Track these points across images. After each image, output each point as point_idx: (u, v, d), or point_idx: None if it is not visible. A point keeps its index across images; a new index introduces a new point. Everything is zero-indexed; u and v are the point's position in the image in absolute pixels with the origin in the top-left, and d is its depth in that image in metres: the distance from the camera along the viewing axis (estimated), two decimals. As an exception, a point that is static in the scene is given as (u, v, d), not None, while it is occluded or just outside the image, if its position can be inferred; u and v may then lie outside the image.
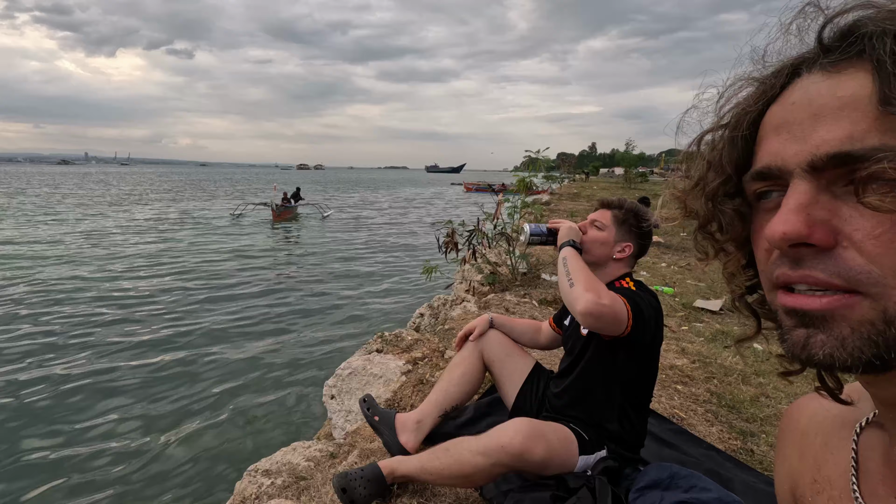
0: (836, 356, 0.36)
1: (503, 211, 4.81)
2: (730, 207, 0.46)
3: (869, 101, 0.34)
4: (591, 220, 1.70)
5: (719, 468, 1.76)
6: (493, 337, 1.97)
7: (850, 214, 0.35)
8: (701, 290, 4.76)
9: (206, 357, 5.79)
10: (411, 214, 24.51)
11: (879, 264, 0.34)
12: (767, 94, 0.42)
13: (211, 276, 9.71)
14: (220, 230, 16.31)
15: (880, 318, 0.34)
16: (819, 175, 0.36)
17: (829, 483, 0.51)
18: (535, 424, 1.49)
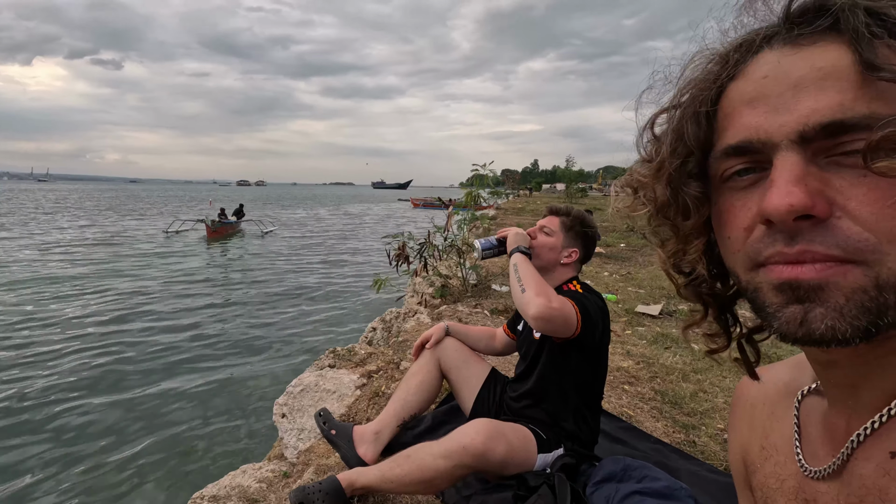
0: (838, 328, 0.35)
1: (453, 223, 4.87)
2: (693, 189, 0.45)
3: (851, 71, 0.34)
4: (540, 226, 1.76)
5: (666, 460, 1.85)
6: (449, 344, 1.99)
7: (842, 184, 0.35)
8: (641, 297, 5.01)
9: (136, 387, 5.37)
10: (358, 230, 24.19)
11: (874, 231, 0.34)
12: (730, 69, 0.41)
13: (141, 301, 9.02)
14: (150, 251, 15.27)
15: (873, 284, 0.34)
16: (806, 146, 0.36)
17: (776, 449, 0.54)
18: (495, 424, 1.51)
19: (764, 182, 0.38)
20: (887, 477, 0.38)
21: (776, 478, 0.52)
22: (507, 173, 68.50)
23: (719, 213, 0.43)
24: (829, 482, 0.44)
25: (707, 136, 0.43)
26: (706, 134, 0.43)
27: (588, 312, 1.52)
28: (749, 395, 0.62)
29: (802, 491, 0.48)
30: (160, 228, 21.44)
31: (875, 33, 0.34)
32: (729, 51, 0.42)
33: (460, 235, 4.89)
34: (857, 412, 0.43)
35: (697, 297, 0.51)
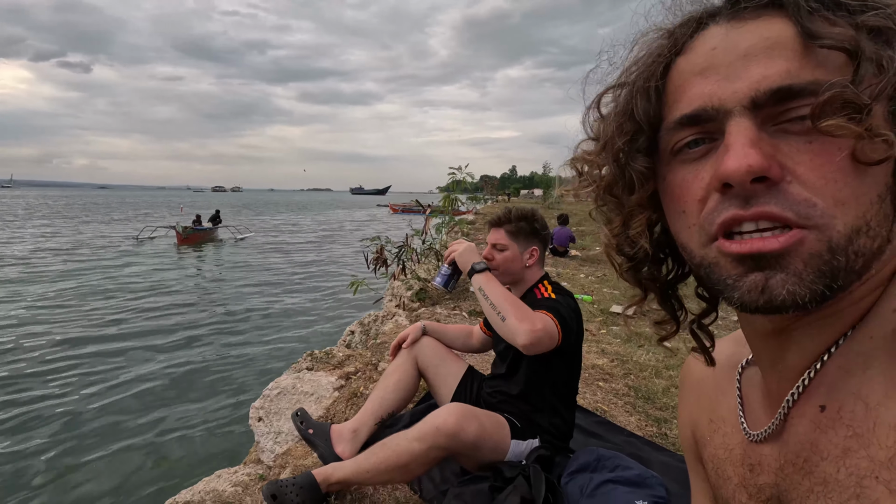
0: (798, 292, 0.36)
1: (431, 226, 4.90)
2: (640, 164, 0.45)
3: (794, 41, 0.36)
4: (491, 245, 1.73)
5: (639, 451, 1.90)
6: (426, 343, 2.01)
7: (790, 150, 0.36)
8: (616, 298, 5.12)
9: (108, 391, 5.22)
10: (336, 236, 23.97)
11: (821, 195, 0.35)
12: (678, 44, 0.43)
13: (108, 306, 8.77)
14: (118, 258, 14.85)
15: (826, 248, 0.36)
16: (758, 112, 0.37)
17: (723, 421, 0.56)
18: (468, 407, 1.54)
19: (715, 152, 0.40)
20: (818, 430, 0.40)
21: (724, 448, 0.54)
22: (486, 179, 68.96)
23: (671, 188, 0.44)
24: (770, 444, 0.47)
25: (656, 111, 0.44)
26: (655, 108, 0.44)
27: (566, 321, 1.51)
28: (695, 373, 0.64)
29: (748, 456, 0.50)
30: (129, 235, 20.86)
31: (812, 7, 0.36)
32: (676, 27, 0.44)
33: (438, 239, 4.91)
34: (787, 374, 0.45)
35: (637, 281, 0.52)
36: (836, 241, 0.36)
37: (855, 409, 0.37)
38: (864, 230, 0.36)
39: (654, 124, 0.44)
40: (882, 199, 0.37)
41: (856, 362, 0.39)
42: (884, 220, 0.37)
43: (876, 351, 0.38)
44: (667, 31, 0.44)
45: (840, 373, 0.40)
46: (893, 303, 0.39)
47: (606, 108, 0.49)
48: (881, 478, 0.34)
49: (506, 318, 1.44)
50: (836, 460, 0.38)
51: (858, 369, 0.38)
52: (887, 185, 0.37)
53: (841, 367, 0.40)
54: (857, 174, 0.35)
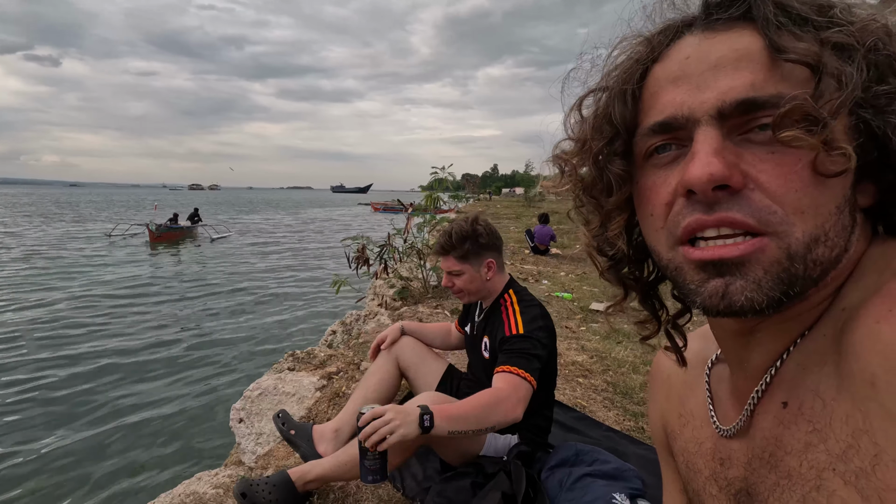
0: (755, 299, 0.38)
1: (413, 225, 4.90)
2: (617, 167, 0.46)
3: (761, 54, 0.38)
4: (447, 273, 1.70)
5: (617, 445, 1.95)
6: (406, 343, 2.02)
7: (753, 159, 0.38)
8: (595, 295, 5.20)
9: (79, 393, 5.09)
10: (317, 235, 23.73)
11: (781, 203, 0.37)
12: (655, 51, 0.44)
13: (78, 308, 8.50)
14: (90, 257, 14.43)
15: (785, 255, 0.37)
16: (724, 122, 0.39)
17: (692, 415, 0.58)
18: (444, 395, 1.55)
19: (683, 158, 0.41)
20: (781, 426, 0.42)
21: (695, 441, 0.56)
22: (468, 178, 69.16)
23: (642, 192, 0.45)
24: (738, 439, 0.49)
25: (633, 115, 0.45)
26: (632, 113, 0.45)
27: (535, 358, 1.47)
28: (664, 368, 0.66)
29: (718, 451, 0.52)
30: (102, 233, 20.29)
31: (781, 22, 0.38)
32: (654, 34, 0.45)
33: (421, 237, 4.92)
34: (752, 373, 0.47)
35: (618, 281, 0.53)
36: (795, 249, 0.37)
37: (814, 405, 0.39)
38: (822, 239, 0.38)
39: (631, 129, 0.45)
40: (840, 210, 0.38)
41: (812, 360, 0.41)
42: (842, 230, 0.39)
43: (829, 348, 0.39)
44: (645, 39, 0.46)
45: (798, 370, 0.42)
46: (844, 302, 0.40)
47: (587, 111, 0.50)
48: (837, 469, 0.36)
49: (490, 425, 1.35)
50: (798, 454, 0.40)
51: (815, 366, 0.40)
52: (846, 197, 0.39)
53: (799, 364, 0.42)
54: (817, 185, 0.37)
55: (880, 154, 0.39)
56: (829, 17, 0.37)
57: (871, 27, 0.37)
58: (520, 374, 1.43)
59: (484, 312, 1.77)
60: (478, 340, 1.76)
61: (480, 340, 1.74)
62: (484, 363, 1.72)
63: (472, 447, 1.55)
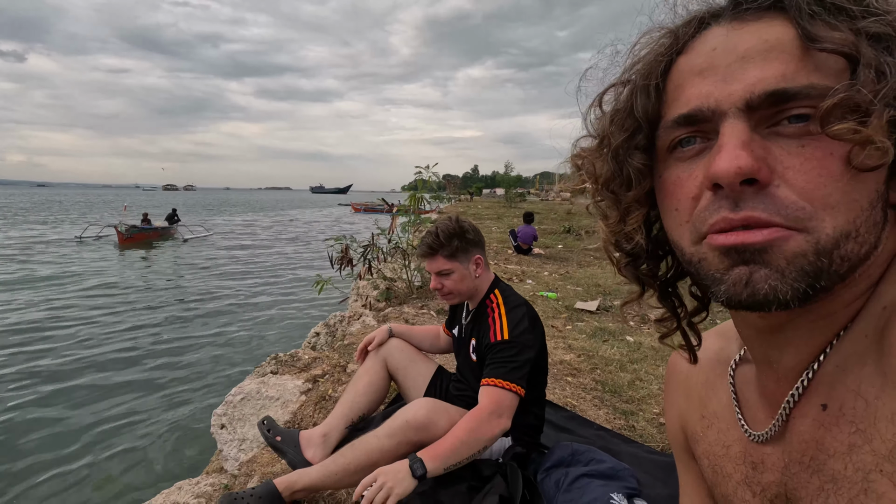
0: (779, 288, 0.37)
1: (398, 225, 4.85)
2: (637, 161, 0.46)
3: (793, 44, 0.37)
4: (435, 273, 1.68)
5: (609, 444, 1.94)
6: (395, 345, 1.98)
7: (781, 153, 0.37)
8: (580, 294, 5.23)
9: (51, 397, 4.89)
10: (298, 235, 23.39)
11: (810, 199, 0.36)
12: (679, 42, 0.43)
13: (49, 310, 8.19)
14: (59, 259, 13.93)
15: (812, 249, 0.36)
16: (752, 114, 0.38)
17: (717, 417, 0.56)
18: (437, 401, 1.53)
19: (709, 151, 0.40)
20: (822, 428, 0.41)
21: (721, 444, 0.55)
22: (448, 178, 69.08)
23: (665, 185, 0.44)
24: (773, 444, 0.47)
25: (656, 108, 0.44)
26: (655, 106, 0.44)
27: (520, 366, 1.46)
28: (682, 368, 0.64)
29: (749, 455, 0.50)
30: (71, 235, 19.62)
31: (814, 11, 0.36)
32: (679, 26, 0.44)
33: (405, 237, 4.87)
34: (785, 374, 0.46)
35: (635, 278, 0.52)
36: (824, 244, 0.36)
37: (856, 405, 0.38)
38: (853, 235, 0.36)
39: (653, 122, 0.44)
40: (873, 205, 0.37)
41: (852, 360, 0.40)
42: (873, 226, 0.37)
43: (870, 348, 0.38)
44: (669, 31, 0.44)
45: (838, 371, 0.41)
46: (883, 300, 0.39)
47: (607, 106, 0.49)
48: (885, 471, 0.35)
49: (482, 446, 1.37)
50: (842, 457, 0.39)
51: (856, 367, 0.39)
52: (878, 192, 0.37)
53: (838, 365, 0.41)
54: (849, 179, 0.36)
55: None
56: (865, 5, 0.36)
57: None
58: (504, 385, 1.43)
59: (471, 314, 1.74)
60: (465, 343, 1.74)
61: (468, 343, 1.71)
62: (472, 365, 1.69)
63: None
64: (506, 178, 50.04)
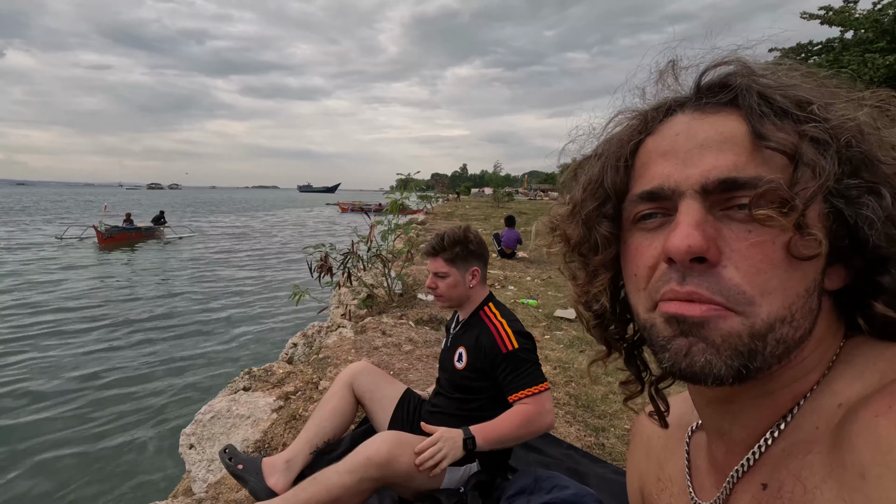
0: (714, 363, 0.40)
1: (376, 233, 4.82)
2: (605, 229, 0.49)
3: (745, 139, 0.41)
4: (433, 274, 1.75)
5: (577, 465, 1.94)
6: (361, 369, 1.99)
7: (731, 235, 0.40)
8: (560, 301, 5.25)
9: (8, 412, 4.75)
10: (280, 237, 23.15)
11: (751, 283, 0.39)
12: (648, 126, 0.48)
13: (22, 315, 8.00)
14: (35, 260, 13.63)
15: (747, 332, 0.39)
16: (707, 197, 0.41)
17: (671, 481, 0.58)
18: (400, 435, 1.53)
19: (668, 225, 0.43)
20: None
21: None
22: (437, 177, 69.02)
23: (628, 252, 0.48)
24: None
25: (624, 182, 0.48)
26: (623, 180, 0.48)
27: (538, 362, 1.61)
28: (646, 429, 0.67)
29: None
30: (51, 235, 19.21)
31: (764, 112, 0.41)
32: (648, 110, 0.49)
33: (385, 245, 4.84)
34: (733, 447, 0.48)
35: (602, 339, 0.55)
36: (758, 328, 0.39)
37: (794, 490, 0.40)
38: (787, 320, 0.39)
39: (621, 194, 0.48)
40: (809, 293, 0.40)
41: (799, 447, 0.42)
42: (808, 312, 0.41)
43: (819, 440, 0.40)
44: (640, 113, 0.49)
45: (783, 455, 0.43)
46: (839, 398, 0.41)
47: (582, 176, 0.53)
48: None
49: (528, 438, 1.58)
50: None
51: (801, 453, 0.41)
52: (815, 281, 0.41)
53: (784, 449, 0.43)
54: (788, 267, 0.39)
55: (851, 241, 0.41)
56: (808, 112, 0.40)
57: (846, 125, 0.40)
58: (535, 391, 1.55)
59: (461, 324, 1.78)
60: (451, 351, 1.76)
61: (454, 351, 1.74)
62: (454, 372, 1.71)
63: (430, 483, 1.51)
64: (494, 178, 50.07)
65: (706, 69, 0.46)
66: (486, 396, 1.66)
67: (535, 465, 1.81)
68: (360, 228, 5.37)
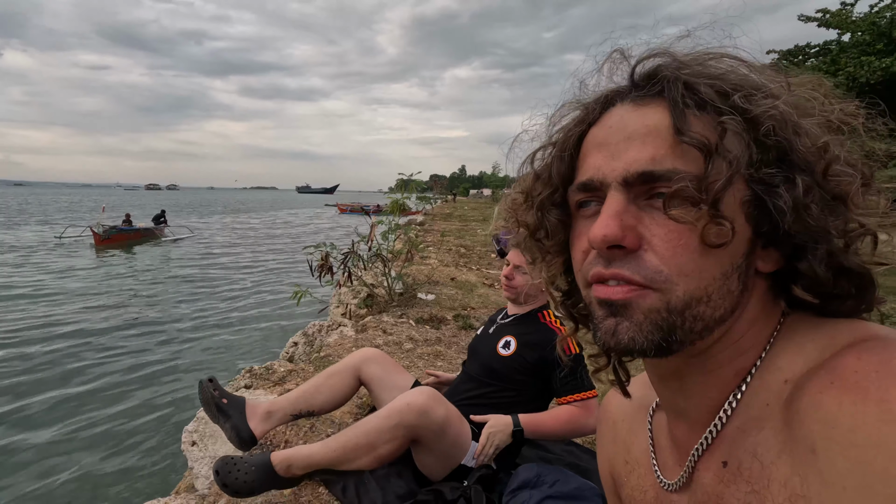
0: (637, 339, 0.43)
1: (377, 233, 4.84)
2: (554, 216, 0.52)
3: (668, 131, 0.43)
4: (513, 265, 1.82)
5: (578, 461, 1.96)
6: (370, 355, 1.99)
7: (650, 223, 0.43)
8: (559, 301, 5.27)
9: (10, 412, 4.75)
10: (278, 239, 23.13)
11: (668, 265, 0.42)
12: (589, 117, 0.50)
13: (13, 316, 7.98)
14: (30, 261, 13.60)
15: (664, 307, 0.42)
16: (630, 188, 0.44)
17: (637, 463, 0.60)
18: (438, 393, 1.59)
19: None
20: (722, 484, 0.45)
21: (640, 490, 0.59)
22: (436, 178, 69.10)
23: (573, 237, 0.51)
24: (680, 493, 0.51)
25: (569, 172, 0.51)
26: (568, 169, 0.51)
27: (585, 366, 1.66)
28: (611, 413, 0.69)
29: (661, 502, 0.54)
30: (49, 235, 19.18)
31: (687, 103, 0.43)
32: (590, 102, 0.50)
33: (386, 245, 4.86)
34: (691, 426, 0.50)
35: (569, 315, 0.59)
36: (674, 304, 0.42)
37: (752, 466, 0.42)
38: (703, 300, 0.43)
39: (567, 183, 0.51)
40: (727, 276, 0.43)
41: (751, 424, 0.44)
42: (727, 294, 0.43)
43: (771, 416, 0.42)
44: (583, 105, 0.51)
45: (738, 432, 0.45)
46: (784, 373, 0.43)
47: (537, 163, 0.56)
48: None
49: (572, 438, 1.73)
50: None
51: (754, 430, 0.43)
52: (734, 264, 0.43)
53: (738, 427, 0.45)
54: (703, 253, 0.42)
55: (770, 228, 0.43)
56: (730, 104, 0.42)
57: (767, 114, 0.41)
58: (588, 395, 1.64)
59: (512, 317, 1.86)
60: (495, 338, 1.82)
61: (500, 338, 1.80)
62: (494, 358, 1.77)
63: (453, 451, 1.59)
64: (493, 179, 50.07)
65: (638, 61, 0.47)
66: (522, 391, 1.71)
67: (537, 461, 1.83)
68: (360, 229, 5.39)
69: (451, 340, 3.66)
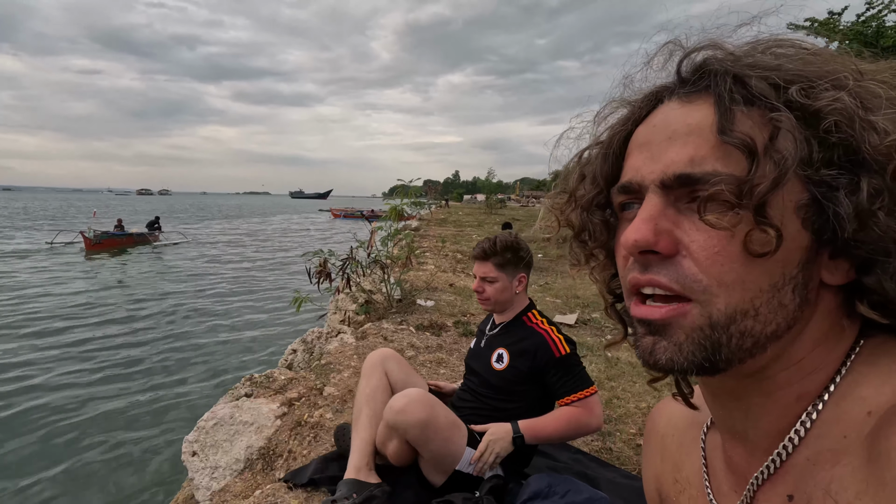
0: (675, 360, 0.40)
1: (377, 239, 4.81)
2: (598, 217, 0.50)
3: (710, 130, 0.39)
4: (479, 278, 1.77)
5: (586, 469, 1.95)
6: (390, 355, 1.99)
7: (689, 228, 0.40)
8: (558, 307, 5.26)
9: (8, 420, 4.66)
10: (274, 244, 23.01)
11: (707, 273, 0.38)
12: (635, 115, 0.47)
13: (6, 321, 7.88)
14: (21, 267, 13.43)
15: (707, 323, 0.39)
16: (668, 191, 0.41)
17: (689, 483, 0.56)
18: (426, 395, 1.58)
19: None
20: None
21: None
22: (430, 184, 69.04)
23: (617, 241, 0.48)
24: None
25: (613, 172, 0.48)
26: (612, 170, 0.48)
27: (583, 365, 1.67)
28: (659, 428, 0.65)
29: None
30: (43, 241, 18.97)
31: (735, 100, 0.39)
32: (637, 100, 0.48)
33: (385, 251, 4.84)
34: (751, 451, 0.46)
35: (619, 319, 0.54)
36: (717, 319, 0.39)
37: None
38: (750, 313, 0.38)
39: (611, 183, 0.48)
40: (777, 288, 0.38)
41: (825, 457, 0.39)
42: (778, 308, 0.39)
43: (849, 450, 0.38)
44: (629, 103, 0.48)
45: (808, 465, 0.40)
46: (867, 405, 0.39)
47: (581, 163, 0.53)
48: None
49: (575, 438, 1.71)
50: None
51: (827, 464, 0.39)
52: (786, 275, 0.38)
53: (809, 458, 0.41)
54: (745, 262, 0.38)
55: (832, 236, 0.38)
56: (785, 98, 0.38)
57: (829, 108, 0.37)
58: (587, 393, 1.62)
59: (499, 327, 1.82)
60: (486, 352, 1.79)
61: (492, 352, 1.77)
62: (490, 373, 1.74)
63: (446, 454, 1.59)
64: (486, 184, 50.28)
65: (686, 54, 0.44)
66: (525, 399, 1.69)
67: (545, 470, 1.81)
68: (358, 234, 5.36)
69: (453, 347, 3.64)
